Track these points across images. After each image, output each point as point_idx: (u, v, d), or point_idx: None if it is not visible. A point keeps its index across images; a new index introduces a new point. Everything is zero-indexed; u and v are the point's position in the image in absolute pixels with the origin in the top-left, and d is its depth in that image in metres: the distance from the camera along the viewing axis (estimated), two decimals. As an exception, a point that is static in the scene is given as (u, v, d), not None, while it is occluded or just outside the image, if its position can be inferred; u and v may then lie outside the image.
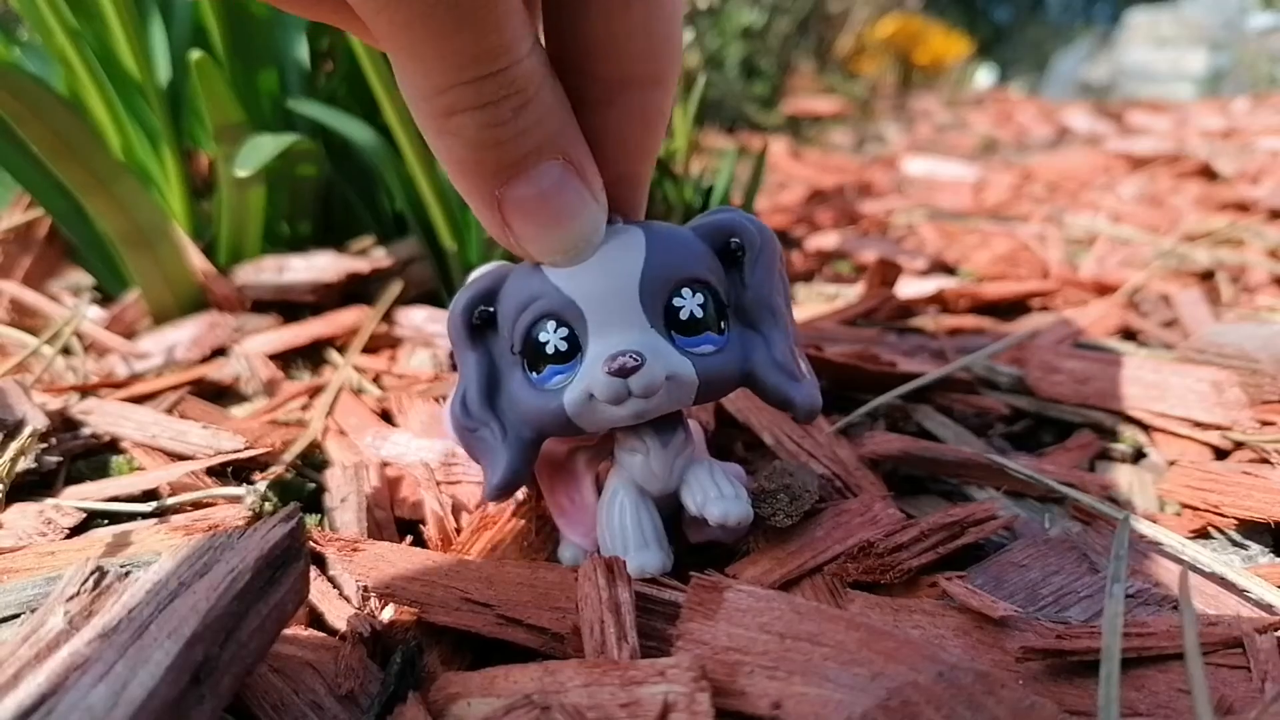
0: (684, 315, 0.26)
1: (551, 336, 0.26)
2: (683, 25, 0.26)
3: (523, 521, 0.33)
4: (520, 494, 0.33)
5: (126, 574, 0.24)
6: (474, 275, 0.28)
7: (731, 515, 0.27)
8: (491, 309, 0.27)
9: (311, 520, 0.34)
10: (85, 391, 0.45)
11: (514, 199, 0.23)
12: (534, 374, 0.26)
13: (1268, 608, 0.27)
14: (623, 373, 0.24)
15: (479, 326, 0.27)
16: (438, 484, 0.35)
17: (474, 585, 0.27)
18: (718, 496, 0.27)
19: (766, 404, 0.28)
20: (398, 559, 0.29)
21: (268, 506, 0.34)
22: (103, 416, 0.41)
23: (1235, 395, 0.41)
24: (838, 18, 2.35)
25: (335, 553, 0.30)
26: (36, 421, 0.38)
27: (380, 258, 0.60)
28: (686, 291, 0.26)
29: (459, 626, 0.26)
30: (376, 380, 0.48)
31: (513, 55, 0.21)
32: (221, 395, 0.48)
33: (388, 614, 0.28)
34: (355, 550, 0.30)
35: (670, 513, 0.29)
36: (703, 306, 0.26)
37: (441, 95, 0.21)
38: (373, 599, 0.29)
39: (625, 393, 0.25)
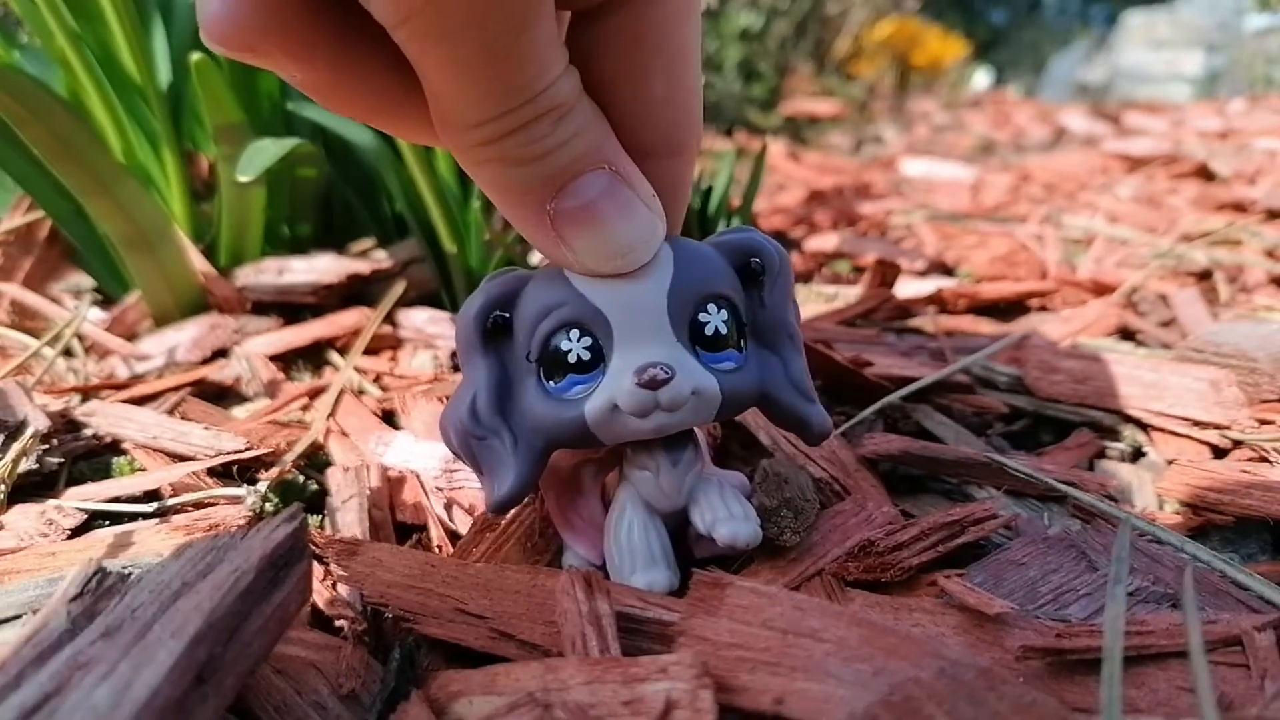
0: (709, 331, 0.25)
1: (574, 345, 0.25)
2: (701, 97, 0.27)
3: (527, 523, 0.32)
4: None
5: (128, 575, 0.24)
6: (488, 279, 0.27)
7: (741, 537, 0.27)
8: (507, 314, 0.26)
9: (314, 521, 0.34)
10: (87, 393, 0.45)
11: (564, 211, 0.23)
12: (551, 383, 0.26)
13: (1267, 605, 0.27)
14: (653, 385, 0.24)
15: (492, 332, 0.26)
16: (439, 489, 0.36)
17: (470, 594, 0.27)
18: (727, 517, 0.27)
19: (777, 425, 0.28)
20: (395, 563, 0.29)
21: (268, 507, 0.34)
22: (104, 418, 0.41)
23: (1233, 394, 0.41)
24: (835, 20, 2.35)
25: (332, 556, 0.29)
26: (38, 423, 0.38)
27: (381, 259, 0.60)
28: (712, 307, 0.26)
29: (450, 639, 0.26)
30: (378, 381, 0.48)
31: (545, 80, 0.21)
32: (222, 397, 0.48)
33: (390, 613, 0.28)
34: (352, 554, 0.29)
35: (675, 526, 0.29)
36: (726, 323, 0.26)
37: (480, 128, 0.21)
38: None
39: (653, 405, 0.24)
